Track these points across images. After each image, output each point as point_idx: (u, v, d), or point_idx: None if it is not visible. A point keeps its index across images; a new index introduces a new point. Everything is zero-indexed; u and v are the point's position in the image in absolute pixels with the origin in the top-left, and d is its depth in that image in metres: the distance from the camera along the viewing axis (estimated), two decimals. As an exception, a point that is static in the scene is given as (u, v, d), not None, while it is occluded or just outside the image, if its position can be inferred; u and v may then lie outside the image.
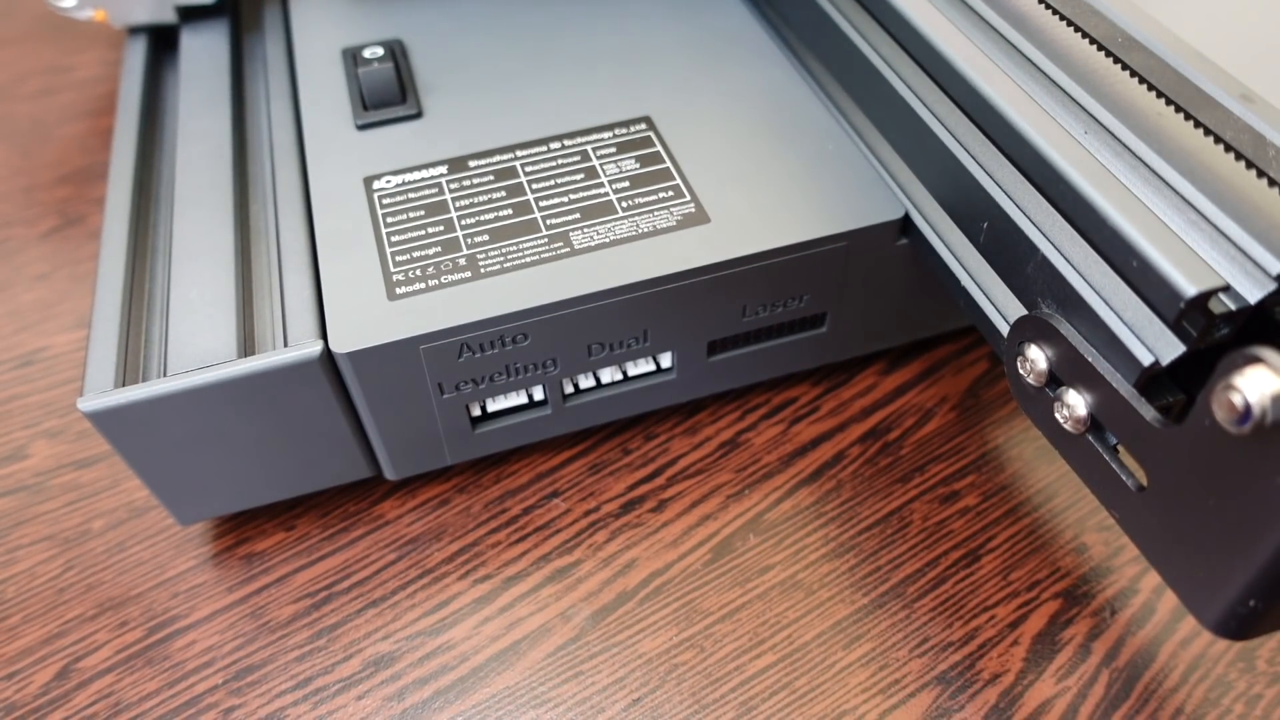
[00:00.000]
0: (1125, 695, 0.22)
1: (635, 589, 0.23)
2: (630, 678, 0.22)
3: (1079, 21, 0.19)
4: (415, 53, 0.28)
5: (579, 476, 0.26)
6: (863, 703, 0.22)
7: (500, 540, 0.24)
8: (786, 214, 0.23)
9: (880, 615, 0.23)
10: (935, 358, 0.28)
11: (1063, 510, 0.25)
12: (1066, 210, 0.17)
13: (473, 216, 0.23)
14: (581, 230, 0.22)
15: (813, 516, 0.25)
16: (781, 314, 0.24)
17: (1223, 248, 0.15)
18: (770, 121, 0.25)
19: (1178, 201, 0.16)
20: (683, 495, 0.25)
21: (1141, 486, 0.16)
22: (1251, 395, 0.12)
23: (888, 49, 0.23)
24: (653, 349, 0.23)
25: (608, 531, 0.25)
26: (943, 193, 0.21)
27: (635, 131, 0.25)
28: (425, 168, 0.24)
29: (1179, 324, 0.15)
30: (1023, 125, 0.18)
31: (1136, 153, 0.17)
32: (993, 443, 0.26)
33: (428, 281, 0.21)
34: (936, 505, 0.25)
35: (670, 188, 0.23)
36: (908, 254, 0.23)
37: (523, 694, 0.22)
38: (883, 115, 0.23)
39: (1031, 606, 0.23)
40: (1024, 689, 0.22)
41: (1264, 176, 0.15)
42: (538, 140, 0.25)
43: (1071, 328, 0.17)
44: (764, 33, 0.28)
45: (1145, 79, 0.18)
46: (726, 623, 0.23)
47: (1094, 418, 0.17)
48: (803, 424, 0.27)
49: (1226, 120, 0.16)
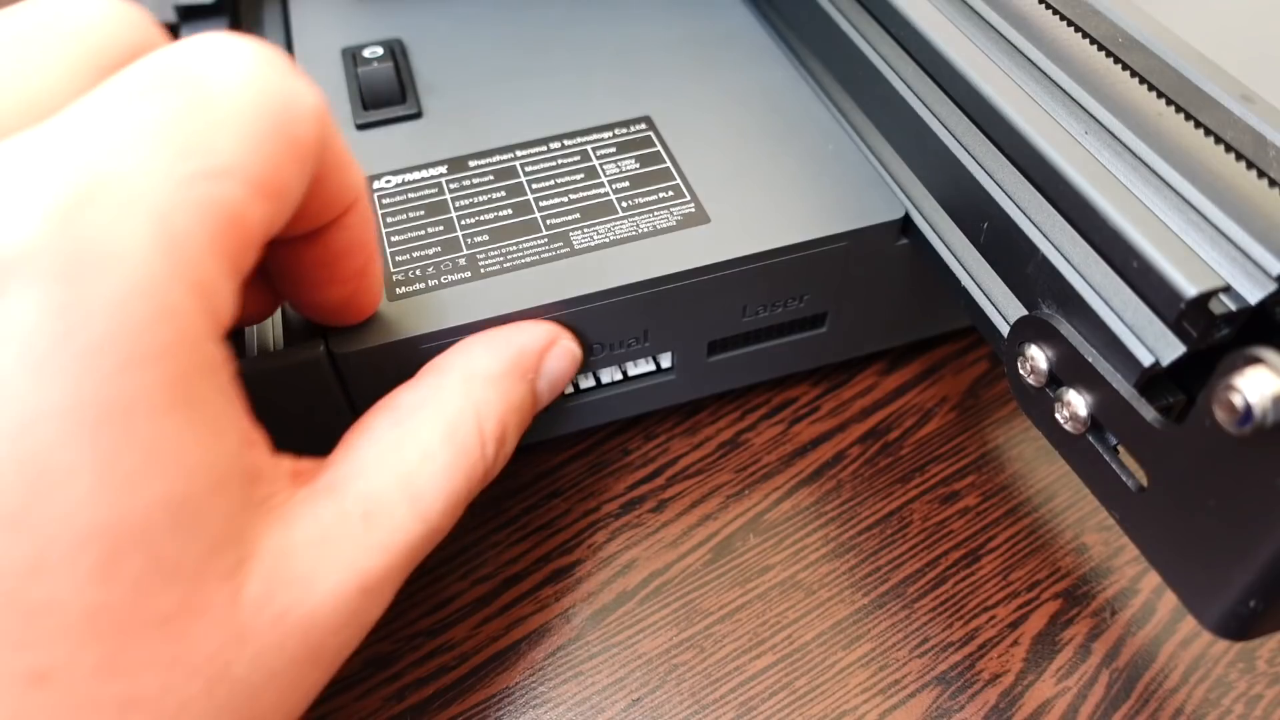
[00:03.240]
0: (1125, 695, 0.22)
1: (635, 589, 0.23)
2: (630, 678, 0.22)
3: (1079, 21, 0.19)
4: (415, 53, 0.28)
5: (579, 476, 0.26)
6: (863, 703, 0.22)
7: (500, 540, 0.24)
8: (787, 214, 0.23)
9: (880, 615, 0.23)
10: (935, 358, 0.28)
11: (1063, 510, 0.25)
12: (1066, 210, 0.17)
13: (473, 216, 0.23)
14: (581, 230, 0.22)
15: (813, 516, 0.25)
16: (782, 314, 0.24)
17: (1223, 248, 0.15)
18: (770, 121, 0.25)
19: (1178, 202, 0.16)
20: (683, 495, 0.25)
21: (1141, 487, 0.16)
22: (1252, 396, 0.12)
23: (888, 49, 0.23)
24: (653, 349, 0.23)
25: (608, 531, 0.25)
26: (943, 193, 0.21)
27: (635, 131, 0.25)
28: (425, 167, 0.24)
29: (1179, 324, 0.15)
30: (1023, 125, 0.18)
31: (1137, 153, 0.17)
32: (993, 443, 0.26)
33: (428, 281, 0.21)
34: (936, 505, 0.25)
35: (670, 188, 0.23)
36: (908, 254, 0.23)
37: (522, 694, 0.22)
38: (883, 115, 0.23)
39: (1031, 606, 0.23)
40: (1024, 689, 0.22)
41: (1264, 177, 0.15)
42: (538, 140, 0.25)
43: (1071, 328, 0.17)
44: (764, 33, 0.28)
45: (1145, 79, 0.18)
46: (726, 623, 0.23)
47: (1094, 418, 0.17)
48: (803, 424, 0.27)
49: (1227, 121, 0.16)
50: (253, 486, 0.15)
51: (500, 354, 0.20)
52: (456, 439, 0.18)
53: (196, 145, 0.13)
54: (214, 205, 0.13)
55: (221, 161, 0.13)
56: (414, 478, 0.17)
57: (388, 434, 0.18)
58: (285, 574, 0.15)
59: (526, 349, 0.20)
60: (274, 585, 0.14)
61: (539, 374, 0.21)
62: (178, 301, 0.12)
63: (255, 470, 0.15)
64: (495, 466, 0.19)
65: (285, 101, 0.14)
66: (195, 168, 0.13)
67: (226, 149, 0.13)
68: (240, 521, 0.14)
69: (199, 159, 0.13)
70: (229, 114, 0.13)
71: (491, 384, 0.19)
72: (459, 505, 0.18)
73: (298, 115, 0.14)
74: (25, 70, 0.14)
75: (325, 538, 0.15)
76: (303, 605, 0.15)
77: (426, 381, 0.19)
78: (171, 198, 0.12)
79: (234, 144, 0.13)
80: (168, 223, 0.12)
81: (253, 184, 0.14)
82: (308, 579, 0.15)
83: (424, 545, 0.17)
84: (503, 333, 0.21)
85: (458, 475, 0.18)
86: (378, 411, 0.18)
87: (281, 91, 0.14)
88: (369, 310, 0.20)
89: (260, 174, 0.14)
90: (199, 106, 0.13)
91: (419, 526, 0.17)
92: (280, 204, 0.14)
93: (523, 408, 0.20)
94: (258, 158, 0.14)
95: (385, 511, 0.16)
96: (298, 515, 0.15)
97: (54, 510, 0.12)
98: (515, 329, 0.21)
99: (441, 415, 0.18)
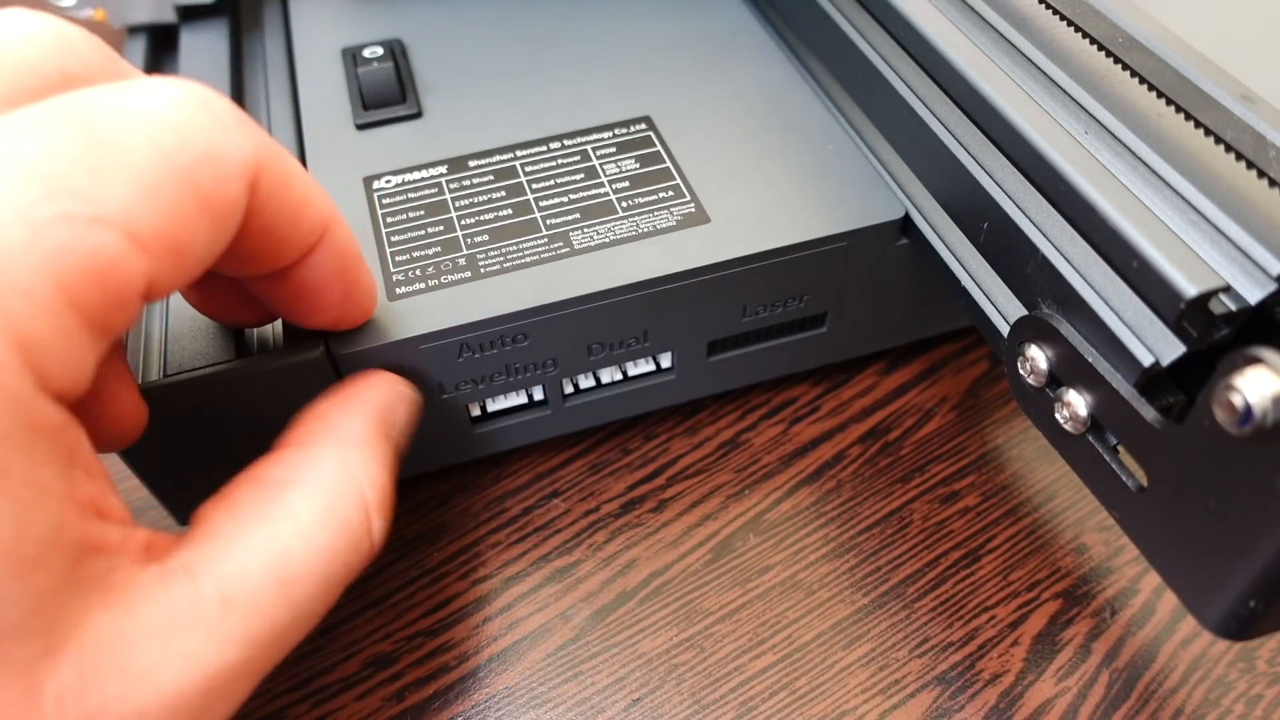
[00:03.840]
0: (1125, 695, 0.22)
1: (635, 589, 0.23)
2: (630, 678, 0.22)
3: (1079, 21, 0.19)
4: (415, 53, 0.28)
5: (579, 476, 0.26)
6: (863, 703, 0.22)
7: (500, 540, 0.24)
8: (786, 214, 0.23)
9: (880, 615, 0.23)
10: (935, 358, 0.28)
11: (1063, 510, 0.25)
12: (1066, 210, 0.17)
13: (473, 216, 0.23)
14: (581, 230, 0.22)
15: (813, 516, 0.25)
16: (781, 314, 0.24)
17: (1223, 248, 0.15)
18: (770, 121, 0.25)
19: (1178, 202, 0.16)
20: (683, 495, 0.25)
21: (1141, 487, 0.16)
22: (1252, 396, 0.12)
23: (888, 49, 0.23)
24: (653, 349, 0.23)
25: (607, 531, 0.25)
26: (943, 193, 0.21)
27: (635, 131, 0.25)
28: (425, 167, 0.24)
29: (1179, 324, 0.15)
30: (1023, 125, 0.18)
31: (1137, 153, 0.17)
32: (993, 443, 0.26)
33: (427, 281, 0.21)
34: (936, 505, 0.25)
35: (670, 188, 0.23)
36: (908, 254, 0.23)
37: (522, 694, 0.22)
38: (883, 115, 0.23)
39: (1031, 606, 0.23)
40: (1024, 689, 0.22)
41: (1264, 177, 0.15)
42: (538, 140, 0.25)
43: (1071, 328, 0.17)
44: (764, 33, 0.28)
45: (1145, 79, 0.18)
46: (726, 623, 0.23)
47: (1094, 418, 0.17)
48: (803, 424, 0.27)
49: (1227, 121, 0.16)
50: (82, 562, 0.13)
51: (364, 416, 0.19)
52: (337, 515, 0.16)
53: (71, 187, 0.12)
54: (75, 254, 0.12)
55: (99, 209, 0.12)
56: (287, 560, 0.15)
57: (256, 511, 0.16)
58: (110, 665, 0.13)
59: (384, 406, 0.19)
60: (91, 679, 0.12)
61: (395, 428, 0.19)
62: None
63: (89, 543, 0.13)
64: (379, 542, 0.17)
65: (201, 153, 0.13)
66: (61, 210, 0.12)
67: (109, 197, 0.12)
68: (53, 605, 0.12)
69: (68, 202, 0.12)
70: (124, 160, 0.12)
71: (366, 449, 0.18)
72: (336, 590, 0.16)
73: (216, 170, 0.13)
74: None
75: (171, 625, 0.13)
76: (126, 703, 0.13)
77: (292, 455, 0.17)
78: (19, 239, 0.11)
79: (120, 192, 0.12)
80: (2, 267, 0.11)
81: (137, 237, 0.12)
82: (140, 673, 0.13)
83: (291, 637, 0.15)
84: (354, 394, 0.19)
85: (338, 556, 0.16)
86: (241, 485, 0.16)
87: (200, 143, 0.13)
88: (362, 320, 0.20)
89: (150, 227, 0.13)
90: (92, 147, 0.12)
91: (287, 613, 0.15)
92: (179, 260, 0.13)
93: (393, 469, 0.19)
94: (148, 209, 0.13)
95: (248, 597, 0.14)
96: (141, 596, 0.13)
97: None
98: (361, 387, 0.19)
99: (319, 490, 0.16)
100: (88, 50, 0.15)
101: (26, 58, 0.14)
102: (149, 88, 0.14)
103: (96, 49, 0.15)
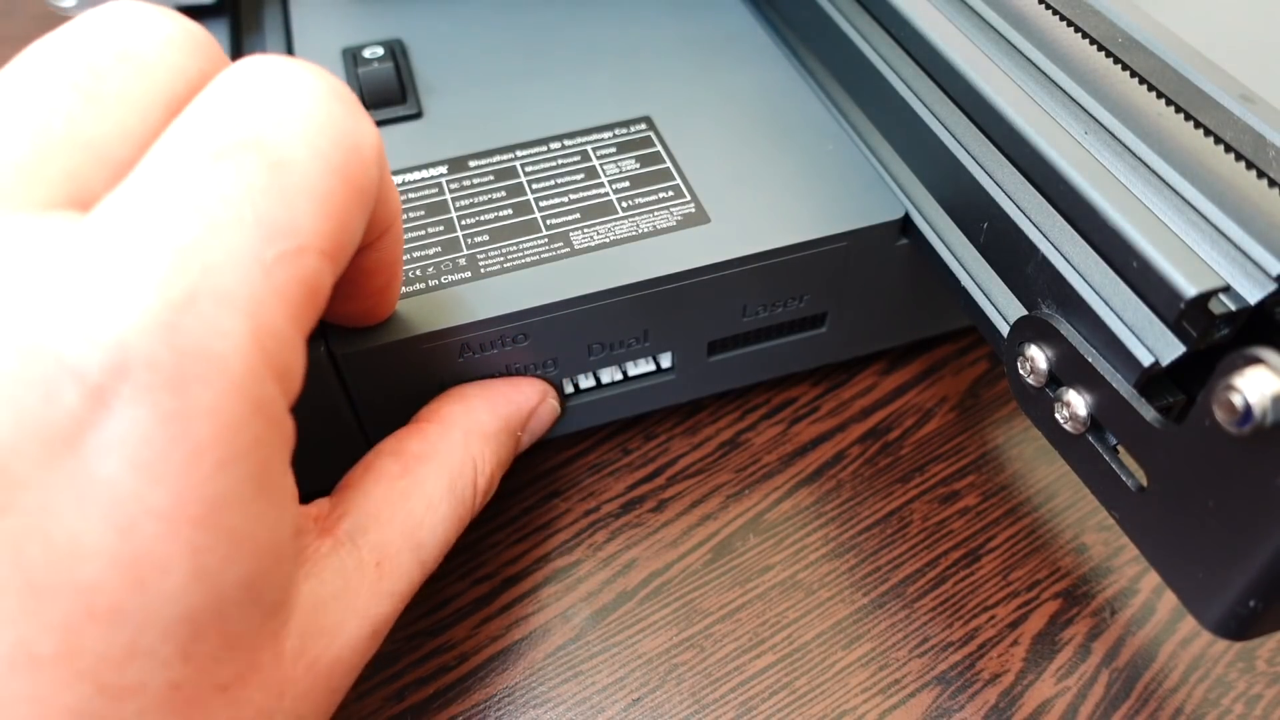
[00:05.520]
0: (1125, 695, 0.22)
1: (635, 589, 0.23)
2: (630, 678, 0.22)
3: (1079, 21, 0.19)
4: (415, 53, 0.28)
5: (579, 476, 0.26)
6: (863, 703, 0.22)
7: (500, 540, 0.24)
8: (786, 214, 0.23)
9: (880, 615, 0.23)
10: (935, 358, 0.28)
11: (1063, 510, 0.25)
12: (1066, 210, 0.17)
13: (473, 216, 0.23)
14: (581, 230, 0.22)
15: (813, 516, 0.25)
16: (782, 314, 0.24)
17: (1223, 248, 0.15)
18: (770, 121, 0.25)
19: (1178, 202, 0.16)
20: (683, 495, 0.25)
21: (1141, 486, 0.16)
22: (1251, 396, 0.12)
23: (888, 49, 0.23)
24: (653, 349, 0.23)
25: (607, 531, 0.25)
26: (943, 193, 0.21)
27: (635, 131, 0.25)
28: (425, 168, 0.24)
29: (1179, 324, 0.15)
30: (1023, 125, 0.18)
31: (1137, 153, 0.17)
32: (993, 443, 0.26)
33: (428, 281, 0.21)
34: (936, 505, 0.25)
35: (670, 188, 0.23)
36: (908, 254, 0.23)
37: (522, 694, 0.22)
38: (883, 115, 0.23)
39: (1031, 606, 0.23)
40: (1024, 689, 0.22)
41: (1264, 177, 0.15)
42: (538, 140, 0.25)
43: (1071, 328, 0.17)
44: (764, 33, 0.28)
45: (1145, 79, 0.18)
46: (726, 623, 0.23)
47: (1094, 418, 0.17)
48: (803, 424, 0.27)
49: (1227, 121, 0.16)
50: (297, 542, 0.16)
51: (499, 412, 0.21)
52: (455, 491, 0.20)
53: (277, 224, 0.13)
54: (297, 284, 0.13)
55: (301, 239, 0.13)
56: (419, 529, 0.18)
57: (396, 482, 0.19)
58: (315, 626, 0.16)
59: (521, 408, 0.22)
60: (306, 638, 0.15)
61: (525, 430, 0.22)
62: (267, 393, 0.13)
63: (299, 526, 0.16)
64: (477, 513, 0.21)
65: (349, 148, 0.14)
66: (280, 250, 0.13)
67: (305, 225, 0.13)
68: (290, 583, 0.15)
69: (282, 240, 0.13)
70: (301, 183, 0.13)
71: (489, 440, 0.21)
72: (448, 550, 0.20)
73: (361, 160, 0.14)
74: (100, 112, 0.14)
75: (347, 588, 0.17)
76: (328, 652, 0.16)
77: (431, 431, 0.20)
78: (262, 289, 0.13)
79: (310, 213, 0.13)
80: (259, 317, 0.13)
81: (327, 253, 0.14)
82: (333, 628, 0.16)
83: (417, 588, 0.19)
84: (501, 390, 0.22)
85: (453, 525, 0.19)
86: (385, 455, 0.19)
87: (346, 138, 0.14)
88: (382, 318, 0.20)
89: (333, 238, 0.14)
90: (274, 174, 0.13)
91: (419, 572, 0.18)
92: (348, 253, 0.15)
93: (508, 461, 0.22)
94: (332, 223, 0.14)
95: (394, 560, 0.18)
96: (324, 567, 0.16)
97: (149, 601, 0.12)
98: (512, 387, 0.22)
99: (445, 468, 0.20)
100: (210, 45, 0.15)
101: (174, 64, 0.14)
102: (289, 87, 0.14)
103: (212, 41, 0.15)
